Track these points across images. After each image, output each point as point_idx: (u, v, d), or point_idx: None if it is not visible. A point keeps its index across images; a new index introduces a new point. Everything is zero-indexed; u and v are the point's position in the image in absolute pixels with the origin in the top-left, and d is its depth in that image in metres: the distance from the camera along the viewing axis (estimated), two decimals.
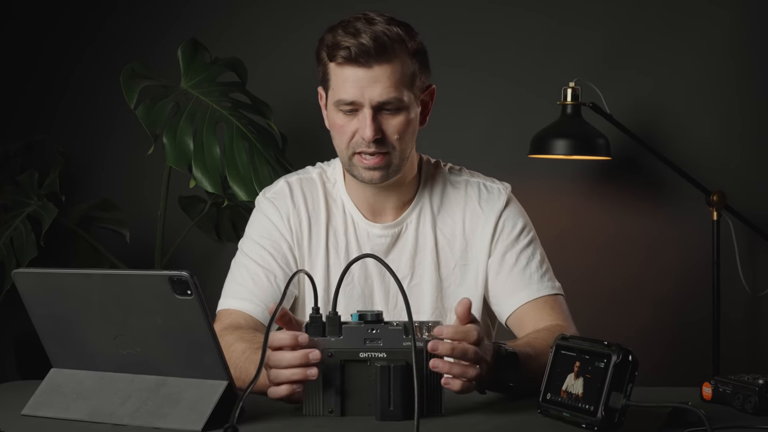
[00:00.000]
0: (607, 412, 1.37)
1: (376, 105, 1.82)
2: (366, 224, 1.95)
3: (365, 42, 1.80)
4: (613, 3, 3.17)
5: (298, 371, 1.48)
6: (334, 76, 1.85)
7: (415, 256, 1.94)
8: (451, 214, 1.97)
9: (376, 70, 1.81)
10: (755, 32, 3.12)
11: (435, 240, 1.95)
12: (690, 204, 3.11)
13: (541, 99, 3.12)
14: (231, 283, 1.93)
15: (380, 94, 1.82)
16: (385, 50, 1.81)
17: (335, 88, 1.85)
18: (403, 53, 1.84)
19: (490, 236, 1.95)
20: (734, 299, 3.09)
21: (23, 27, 3.35)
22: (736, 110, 3.15)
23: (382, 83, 1.82)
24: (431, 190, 1.98)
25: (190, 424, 1.41)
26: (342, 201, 1.97)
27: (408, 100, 1.85)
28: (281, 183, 1.99)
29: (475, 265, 1.95)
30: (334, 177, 1.99)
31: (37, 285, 1.53)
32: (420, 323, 1.50)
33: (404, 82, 1.84)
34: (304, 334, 1.49)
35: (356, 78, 1.82)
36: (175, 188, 3.02)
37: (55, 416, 1.51)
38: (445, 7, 3.23)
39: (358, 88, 1.82)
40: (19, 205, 2.95)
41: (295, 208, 1.95)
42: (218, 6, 3.31)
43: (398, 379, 1.46)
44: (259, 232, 1.95)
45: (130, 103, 2.74)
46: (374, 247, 1.94)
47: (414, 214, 1.96)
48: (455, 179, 2.00)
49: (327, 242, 1.94)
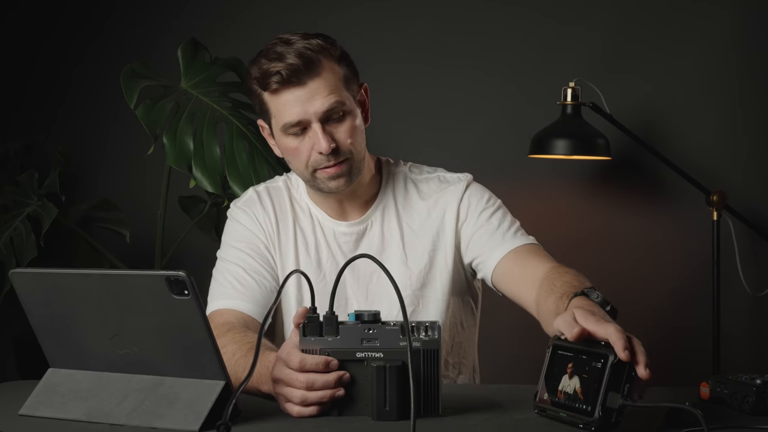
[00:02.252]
0: (604, 412, 1.37)
1: (321, 117, 1.86)
2: (331, 223, 2.00)
3: (292, 62, 1.84)
4: (613, 3, 3.17)
5: (328, 393, 1.49)
6: (272, 104, 1.89)
7: (383, 251, 1.99)
8: (416, 207, 2.02)
9: (310, 85, 1.86)
10: (755, 32, 3.12)
11: (401, 233, 2.00)
12: (690, 204, 3.10)
13: (541, 99, 3.11)
14: (216, 288, 1.98)
15: (321, 105, 1.86)
16: (313, 64, 1.85)
17: (277, 115, 1.89)
18: (330, 61, 1.88)
19: (455, 215, 2.00)
20: (734, 299, 3.08)
21: (23, 27, 3.36)
22: (736, 110, 3.14)
23: (320, 95, 1.86)
24: (394, 187, 2.03)
25: (187, 424, 1.41)
26: (307, 204, 2.03)
27: (349, 103, 1.90)
28: (250, 192, 2.06)
29: (443, 248, 2.00)
30: (297, 183, 2.05)
31: (35, 285, 1.53)
32: (417, 323, 1.50)
33: (339, 87, 1.88)
34: (334, 360, 1.50)
35: (294, 98, 1.86)
36: (175, 188, 3.02)
37: (52, 416, 1.51)
38: (445, 7, 3.23)
39: (299, 107, 1.86)
40: (19, 205, 2.96)
41: (265, 212, 2.01)
42: (218, 6, 3.31)
43: (394, 379, 1.46)
44: (235, 237, 2.01)
45: (130, 103, 2.74)
46: (341, 245, 1.99)
47: (378, 211, 2.01)
48: (416, 176, 2.05)
49: (296, 242, 2.00)
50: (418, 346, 1.48)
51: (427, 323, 1.50)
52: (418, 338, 1.49)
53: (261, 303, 1.93)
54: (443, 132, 3.16)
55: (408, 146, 3.18)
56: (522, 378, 2.43)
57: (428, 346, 1.49)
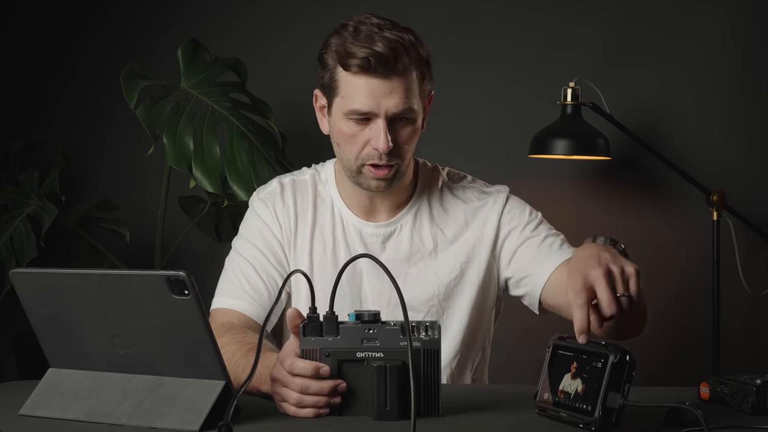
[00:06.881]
0: (605, 412, 1.37)
1: (390, 116, 1.80)
2: (358, 222, 1.94)
3: (382, 51, 1.76)
4: (613, 3, 3.17)
5: (323, 399, 1.49)
6: (345, 84, 1.80)
7: (411, 256, 1.94)
8: (452, 216, 1.96)
9: (392, 81, 1.78)
10: (756, 32, 3.12)
11: (434, 240, 1.94)
12: (690, 204, 3.11)
13: (541, 99, 3.12)
14: (224, 282, 1.94)
15: (396, 105, 1.79)
16: (400, 59, 1.77)
17: (347, 97, 1.81)
18: (416, 61, 1.81)
19: (495, 229, 1.95)
20: (734, 299, 3.09)
21: (23, 27, 3.36)
22: (736, 110, 3.14)
23: (398, 94, 1.79)
24: (429, 192, 1.97)
25: (187, 424, 1.41)
26: (331, 200, 1.96)
27: (418, 109, 1.83)
28: (274, 183, 1.99)
29: (478, 261, 1.94)
30: (326, 177, 1.99)
31: (35, 285, 1.53)
32: (417, 323, 1.50)
33: (416, 91, 1.82)
34: (325, 366, 1.49)
35: (372, 88, 1.78)
36: (175, 188, 3.02)
37: (52, 416, 1.51)
38: (446, 7, 3.23)
39: (373, 99, 1.78)
40: (19, 205, 2.96)
41: (285, 207, 1.96)
42: (218, 6, 3.31)
43: (395, 378, 1.46)
44: (252, 231, 1.96)
45: (130, 103, 2.74)
46: (365, 245, 1.94)
47: (410, 214, 1.95)
48: (454, 184, 2.00)
49: (312, 241, 1.94)
50: (419, 346, 1.48)
51: (427, 323, 1.50)
52: (418, 338, 1.49)
53: (266, 306, 1.89)
54: (443, 132, 3.16)
55: None
56: (522, 378, 2.43)
57: (428, 346, 1.49)
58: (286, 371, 1.49)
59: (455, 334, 1.95)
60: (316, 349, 1.50)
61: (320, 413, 1.50)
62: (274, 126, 2.97)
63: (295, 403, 1.49)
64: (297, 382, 1.48)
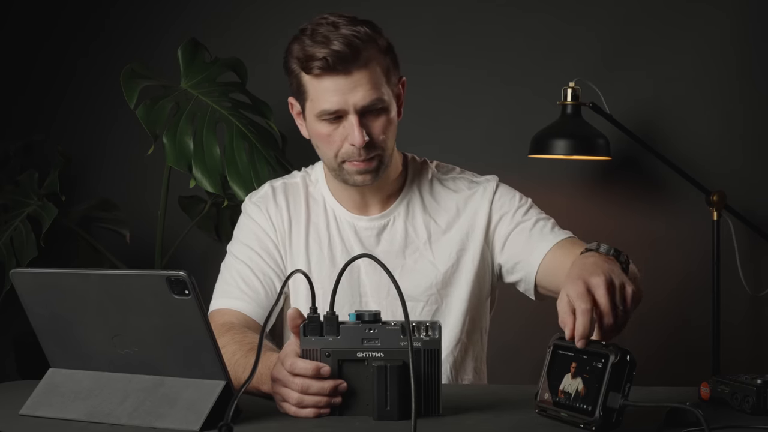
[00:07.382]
0: (605, 412, 1.37)
1: (360, 110, 1.82)
2: (351, 217, 1.97)
3: (339, 49, 1.79)
4: (613, 3, 3.17)
5: (324, 399, 1.49)
6: (311, 87, 1.84)
7: (406, 247, 1.96)
8: (443, 205, 1.99)
9: (354, 76, 1.81)
10: (755, 32, 3.12)
11: (428, 230, 1.97)
12: (690, 204, 3.11)
13: (541, 99, 3.11)
14: (221, 285, 1.96)
15: (363, 98, 1.82)
16: (359, 53, 1.80)
17: (315, 99, 1.84)
18: (376, 52, 1.84)
19: (486, 216, 1.97)
20: (734, 299, 3.08)
21: (23, 27, 3.36)
22: (736, 110, 3.14)
23: (363, 87, 1.81)
24: (419, 183, 2.00)
25: (187, 424, 1.41)
26: (323, 199, 1.99)
27: (388, 98, 1.86)
28: (266, 187, 2.02)
29: (472, 249, 1.96)
30: (316, 177, 2.02)
31: (35, 285, 1.53)
32: (418, 323, 1.50)
33: (382, 80, 1.84)
34: (326, 366, 1.49)
35: (337, 87, 1.81)
36: (175, 188, 3.02)
37: (53, 416, 1.51)
38: (445, 7, 3.22)
39: (340, 96, 1.81)
40: (19, 205, 2.95)
41: (278, 209, 1.98)
42: (218, 6, 3.31)
43: (395, 378, 1.46)
44: (247, 234, 1.98)
45: (130, 103, 2.74)
46: (360, 240, 1.95)
47: (402, 205, 1.98)
48: (443, 175, 2.02)
49: (307, 241, 1.96)
50: (419, 346, 1.48)
51: (427, 323, 1.50)
52: (418, 338, 1.49)
53: (264, 305, 1.91)
54: (443, 132, 3.16)
55: (408, 146, 3.17)
56: (522, 378, 2.43)
57: (429, 346, 1.49)
58: (287, 371, 1.49)
59: (456, 322, 1.96)
60: (317, 349, 1.50)
61: (321, 413, 1.50)
62: (274, 126, 2.97)
63: (296, 403, 1.49)
64: (298, 382, 1.48)
